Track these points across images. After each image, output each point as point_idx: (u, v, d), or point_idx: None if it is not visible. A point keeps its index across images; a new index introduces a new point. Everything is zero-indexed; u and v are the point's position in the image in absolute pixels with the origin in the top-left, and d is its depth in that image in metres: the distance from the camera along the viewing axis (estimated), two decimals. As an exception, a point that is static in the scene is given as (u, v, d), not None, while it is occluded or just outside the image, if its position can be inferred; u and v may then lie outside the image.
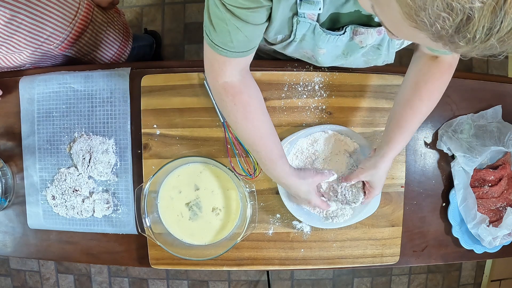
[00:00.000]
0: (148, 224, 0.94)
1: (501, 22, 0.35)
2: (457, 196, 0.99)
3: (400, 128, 0.81)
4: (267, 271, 1.88)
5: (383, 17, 0.45)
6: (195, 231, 0.98)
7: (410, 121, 0.80)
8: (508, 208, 1.01)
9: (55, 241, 1.05)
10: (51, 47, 1.02)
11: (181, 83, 0.98)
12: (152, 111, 0.99)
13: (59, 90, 1.01)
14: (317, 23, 0.71)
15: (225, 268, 1.00)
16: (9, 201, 1.04)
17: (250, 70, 0.86)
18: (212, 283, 2.03)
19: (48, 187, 1.01)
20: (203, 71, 0.97)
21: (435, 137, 1.03)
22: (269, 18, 0.70)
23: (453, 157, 1.02)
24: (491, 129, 1.03)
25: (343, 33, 0.72)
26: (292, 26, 0.72)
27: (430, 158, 1.04)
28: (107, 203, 1.00)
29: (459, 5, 0.34)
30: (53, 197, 1.01)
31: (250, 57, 0.75)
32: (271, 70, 0.98)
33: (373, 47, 0.78)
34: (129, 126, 1.00)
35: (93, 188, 1.01)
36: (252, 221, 0.92)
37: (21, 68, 1.07)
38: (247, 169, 0.98)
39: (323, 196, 0.95)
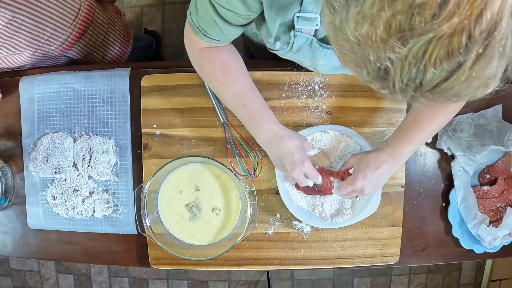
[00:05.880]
0: (148, 224, 0.94)
1: (423, 76, 0.37)
2: (457, 196, 0.99)
3: (409, 133, 0.81)
4: (267, 271, 1.88)
5: None
6: (195, 232, 0.98)
7: (420, 131, 0.81)
8: (508, 208, 1.01)
9: (55, 241, 1.05)
10: (52, 48, 1.02)
11: (181, 83, 0.98)
12: (152, 111, 0.99)
13: (59, 90, 1.01)
14: (314, 37, 0.71)
15: (225, 268, 1.00)
16: (9, 201, 1.04)
17: (250, 70, 0.87)
18: (212, 283, 2.03)
19: (48, 187, 1.01)
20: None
21: (435, 136, 1.03)
22: (250, 23, 0.72)
23: (453, 157, 1.02)
24: (491, 128, 1.02)
25: None
26: (290, 38, 0.72)
27: (430, 158, 1.04)
28: (107, 203, 1.00)
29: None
30: (53, 197, 1.01)
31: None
32: (271, 70, 0.98)
33: None
34: (129, 126, 1.00)
35: (93, 188, 1.01)
36: (252, 221, 0.92)
37: (22, 69, 1.07)
38: (247, 169, 0.98)
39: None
